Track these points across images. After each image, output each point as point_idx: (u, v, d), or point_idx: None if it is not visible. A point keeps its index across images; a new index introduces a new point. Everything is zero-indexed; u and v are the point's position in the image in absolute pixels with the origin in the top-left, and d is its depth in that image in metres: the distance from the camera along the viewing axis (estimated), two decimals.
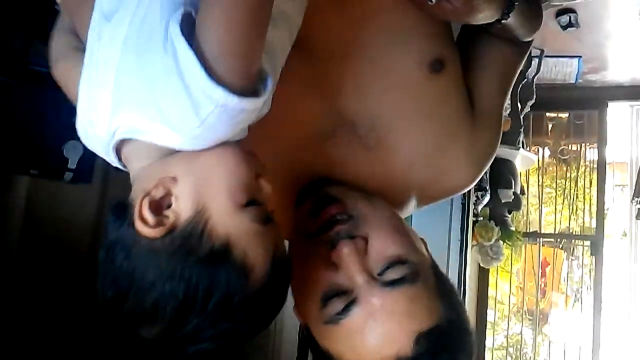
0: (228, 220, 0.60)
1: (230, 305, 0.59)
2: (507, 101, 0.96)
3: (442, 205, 2.19)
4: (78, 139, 0.70)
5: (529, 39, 0.87)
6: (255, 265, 0.59)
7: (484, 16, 0.77)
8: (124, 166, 0.68)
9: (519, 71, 0.92)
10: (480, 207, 2.69)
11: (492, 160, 0.91)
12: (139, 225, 0.59)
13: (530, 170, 3.77)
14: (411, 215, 0.95)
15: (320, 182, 0.79)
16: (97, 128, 0.65)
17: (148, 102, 0.59)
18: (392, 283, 0.68)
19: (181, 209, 0.60)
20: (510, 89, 0.92)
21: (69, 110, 0.69)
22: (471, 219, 2.39)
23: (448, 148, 0.85)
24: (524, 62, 0.92)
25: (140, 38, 0.59)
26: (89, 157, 2.51)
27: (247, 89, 0.58)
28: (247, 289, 0.59)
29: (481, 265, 2.93)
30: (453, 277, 2.27)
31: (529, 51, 0.90)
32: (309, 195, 0.77)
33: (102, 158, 0.70)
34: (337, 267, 0.70)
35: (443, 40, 0.84)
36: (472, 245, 2.61)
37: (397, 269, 0.69)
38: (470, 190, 2.33)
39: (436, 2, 0.74)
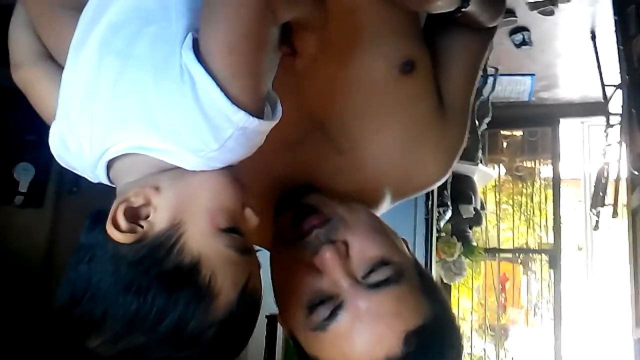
0: (203, 240, 0.57)
1: (183, 331, 0.55)
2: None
3: (406, 220, 2.19)
4: (29, 160, 0.66)
5: (494, 24, 0.88)
6: (221, 292, 0.56)
7: (443, 4, 0.77)
8: (111, 182, 0.65)
9: (485, 59, 0.92)
10: (442, 223, 2.70)
11: (460, 155, 0.91)
12: (109, 228, 0.56)
13: (487, 187, 3.84)
14: None
15: (299, 191, 0.78)
16: (84, 141, 0.62)
17: (160, 125, 0.57)
18: (377, 285, 0.67)
19: (157, 220, 0.57)
20: (478, 77, 0.91)
21: (20, 131, 0.66)
22: (434, 234, 2.39)
23: (418, 147, 0.84)
24: (489, 49, 0.91)
25: (152, 59, 0.57)
26: (41, 180, 2.43)
27: (261, 110, 0.57)
28: (206, 317, 0.55)
29: (444, 281, 2.93)
30: None
31: (493, 37, 0.90)
32: (288, 206, 0.76)
33: (54, 181, 0.66)
34: (320, 272, 0.69)
35: (414, 40, 0.84)
36: (436, 261, 2.61)
37: (381, 270, 0.68)
38: (433, 205, 2.34)
39: None
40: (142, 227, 0.57)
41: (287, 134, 0.79)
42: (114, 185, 0.65)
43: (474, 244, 3.03)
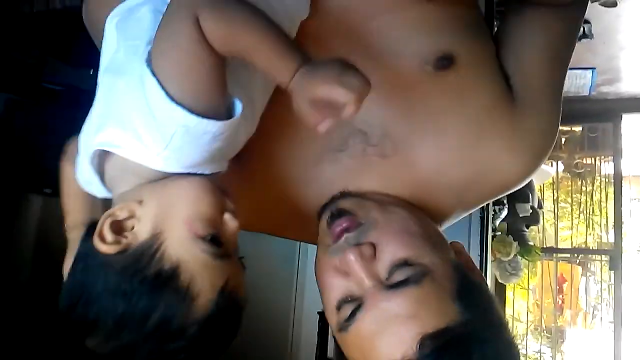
0: (181, 248, 0.62)
1: (168, 328, 0.60)
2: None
3: (461, 219, 2.15)
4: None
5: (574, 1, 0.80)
6: (200, 294, 0.61)
7: None
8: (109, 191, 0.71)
9: (572, 40, 0.83)
10: (497, 222, 2.64)
11: (553, 146, 0.82)
12: (96, 241, 0.62)
13: (544, 184, 3.73)
14: None
15: (337, 197, 0.78)
16: (86, 139, 0.69)
17: (124, 122, 0.64)
18: (397, 285, 0.67)
19: (141, 231, 0.63)
20: (566, 60, 0.83)
21: (82, 128, 0.71)
22: (490, 233, 2.34)
23: (483, 143, 0.79)
24: (577, 29, 0.83)
25: (125, 68, 0.66)
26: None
27: (210, 112, 0.61)
28: (188, 316, 0.61)
29: (499, 281, 2.87)
30: None
31: (581, 16, 0.82)
32: (325, 211, 0.78)
33: None
34: (348, 275, 0.70)
35: (452, 33, 0.79)
36: (491, 261, 2.56)
37: (402, 270, 0.68)
38: (488, 204, 2.29)
39: None
40: (126, 237, 0.63)
41: (325, 141, 0.79)
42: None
43: (531, 243, 2.94)
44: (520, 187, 0.85)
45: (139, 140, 0.63)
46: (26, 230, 1.80)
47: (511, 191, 0.86)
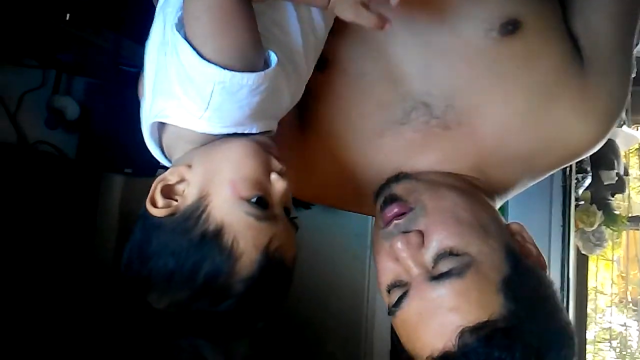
0: (225, 209, 0.64)
1: (215, 283, 0.63)
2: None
3: (541, 188, 2.06)
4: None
5: None
6: (243, 254, 0.63)
7: None
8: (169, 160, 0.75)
9: None
10: (580, 191, 2.53)
11: (623, 111, 0.80)
12: (148, 205, 0.66)
13: (630, 150, 3.53)
14: (507, 201, 0.88)
15: (391, 179, 0.79)
16: (144, 114, 0.73)
17: (171, 92, 0.66)
18: (439, 277, 0.67)
19: (189, 194, 0.66)
20: (637, 17, 0.79)
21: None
22: (573, 203, 2.24)
23: (552, 110, 0.77)
24: None
25: (164, 39, 0.69)
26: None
27: (246, 67, 0.63)
28: (233, 274, 0.63)
29: (582, 252, 2.75)
30: (555, 266, 2.13)
31: None
32: (380, 194, 0.79)
33: None
34: (397, 260, 0.71)
35: None
36: (574, 232, 2.46)
37: (447, 261, 0.68)
38: (571, 171, 2.19)
39: None
40: (176, 201, 0.66)
41: (386, 114, 0.79)
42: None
43: (616, 212, 2.80)
44: (597, 152, 0.82)
45: (183, 106, 0.66)
46: (109, 209, 1.87)
47: (581, 157, 0.84)
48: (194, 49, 0.61)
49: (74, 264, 1.74)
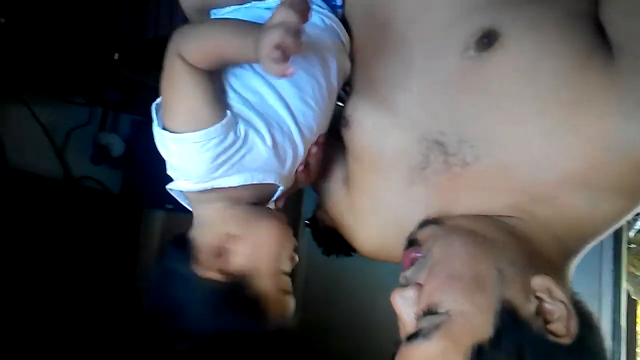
0: (266, 282, 0.73)
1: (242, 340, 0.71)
2: None
3: None
4: None
5: None
6: (271, 319, 0.73)
7: None
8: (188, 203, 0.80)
9: None
10: (632, 233, 2.43)
11: None
12: (199, 270, 0.72)
13: None
14: None
15: (421, 224, 0.74)
16: None
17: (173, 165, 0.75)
18: (410, 338, 0.63)
19: (236, 263, 0.73)
20: None
21: None
22: (624, 246, 2.14)
23: (579, 112, 0.64)
24: None
25: None
26: None
27: (195, 128, 0.68)
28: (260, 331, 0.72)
29: (633, 297, 2.63)
30: (606, 313, 2.03)
31: None
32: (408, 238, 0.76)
33: None
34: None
35: (491, 4, 0.70)
36: (625, 276, 2.35)
37: (423, 320, 0.63)
38: None
39: None
40: (224, 267, 0.73)
41: (408, 162, 0.77)
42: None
43: None
44: None
45: (175, 174, 0.74)
46: (150, 244, 1.89)
47: None
48: (160, 121, 0.70)
49: (116, 297, 1.75)
